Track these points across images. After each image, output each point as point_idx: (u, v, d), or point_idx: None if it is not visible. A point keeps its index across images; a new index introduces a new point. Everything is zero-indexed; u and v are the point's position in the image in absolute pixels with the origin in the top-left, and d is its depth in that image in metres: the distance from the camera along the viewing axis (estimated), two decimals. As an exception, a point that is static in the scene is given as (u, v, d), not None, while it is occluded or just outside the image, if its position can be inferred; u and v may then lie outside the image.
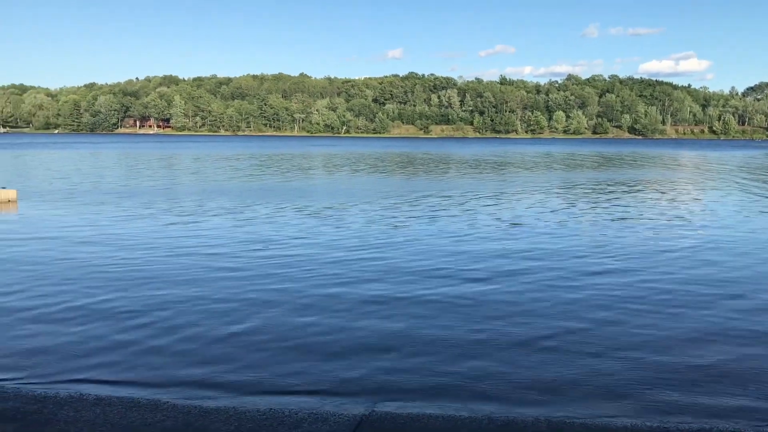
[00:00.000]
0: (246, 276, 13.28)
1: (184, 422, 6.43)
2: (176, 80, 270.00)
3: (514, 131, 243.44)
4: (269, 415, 6.67)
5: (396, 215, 23.21)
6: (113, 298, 11.51)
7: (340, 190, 33.19)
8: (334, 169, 53.10)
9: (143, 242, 17.25)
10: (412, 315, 10.63)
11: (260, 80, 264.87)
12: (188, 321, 10.19)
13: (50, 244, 16.92)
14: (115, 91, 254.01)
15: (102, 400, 6.98)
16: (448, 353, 8.84)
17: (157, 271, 13.74)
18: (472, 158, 74.71)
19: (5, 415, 6.52)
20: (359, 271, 13.80)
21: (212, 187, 34.82)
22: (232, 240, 17.67)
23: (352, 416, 6.69)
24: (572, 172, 50.74)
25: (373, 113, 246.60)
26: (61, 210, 24.07)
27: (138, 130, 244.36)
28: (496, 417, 6.71)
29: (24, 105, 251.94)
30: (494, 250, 16.50)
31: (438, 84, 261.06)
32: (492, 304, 11.31)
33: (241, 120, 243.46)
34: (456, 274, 13.59)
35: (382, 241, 17.69)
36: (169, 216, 22.61)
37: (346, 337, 9.51)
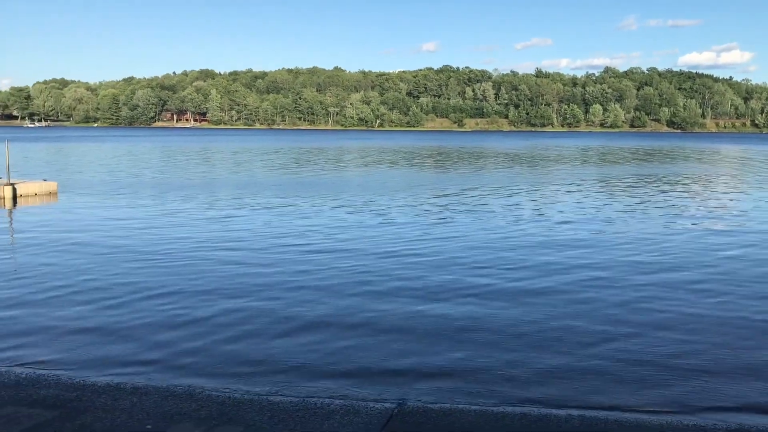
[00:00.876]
0: (285, 271, 13.39)
1: (219, 412, 6.52)
2: (213, 74, 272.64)
3: (550, 124, 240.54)
4: (302, 407, 6.72)
5: (441, 209, 23.14)
6: (149, 287, 11.70)
7: (383, 184, 33.15)
8: (374, 163, 53.12)
9: (181, 234, 17.49)
10: (450, 309, 10.60)
11: (295, 74, 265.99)
12: (223, 314, 10.32)
13: (88, 234, 17.25)
14: (153, 85, 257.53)
15: (138, 389, 7.10)
16: (484, 348, 8.80)
17: (190, 264, 13.92)
18: (510, 152, 74.08)
19: (46, 401, 6.67)
20: (394, 268, 13.81)
21: (262, 180, 35.13)
22: (270, 235, 17.82)
23: (383, 409, 6.70)
24: (611, 167, 50.02)
25: (406, 107, 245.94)
26: (98, 202, 24.54)
27: (175, 124, 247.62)
28: (528, 412, 6.67)
29: (65, 99, 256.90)
30: (538, 243, 16.36)
31: (473, 77, 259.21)
32: (532, 303, 11.22)
33: (276, 114, 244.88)
34: (500, 269, 13.51)
35: (429, 237, 17.66)
36: (210, 209, 22.88)
37: (380, 330, 9.53)
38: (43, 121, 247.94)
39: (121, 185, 31.21)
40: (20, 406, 6.54)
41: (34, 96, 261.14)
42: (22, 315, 10.11)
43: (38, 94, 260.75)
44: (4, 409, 6.44)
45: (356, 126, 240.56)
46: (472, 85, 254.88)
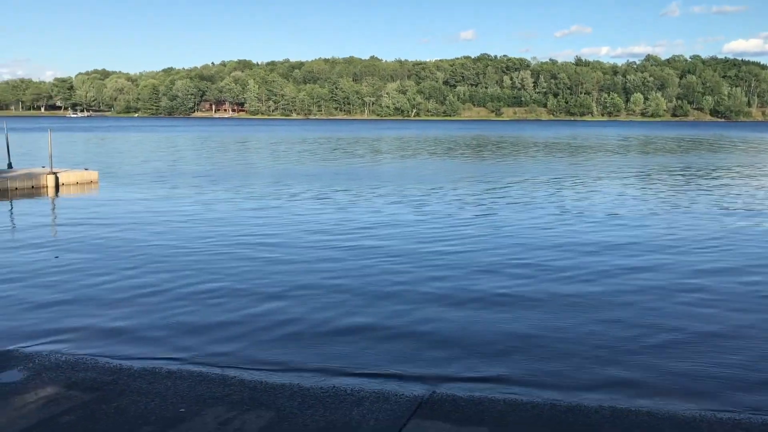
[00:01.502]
0: (325, 261, 13.49)
1: (251, 397, 6.61)
2: (250, 65, 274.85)
3: (590, 113, 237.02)
4: (332, 393, 6.78)
5: (485, 202, 23.03)
6: (187, 277, 11.90)
7: (424, 175, 33.07)
8: (413, 153, 53.05)
9: (221, 225, 17.72)
10: (484, 302, 10.58)
11: (332, 64, 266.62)
12: (255, 298, 10.45)
13: (127, 223, 17.60)
14: (192, 76, 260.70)
15: (173, 374, 7.24)
16: (516, 340, 8.77)
17: (228, 254, 14.11)
18: (552, 141, 73.27)
19: (83, 384, 6.85)
20: (426, 263, 13.81)
21: (307, 170, 35.40)
22: (312, 228, 17.96)
23: (413, 396, 6.73)
24: (657, 157, 49.13)
25: (443, 96, 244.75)
26: (138, 191, 24.99)
27: (214, 114, 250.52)
28: (558, 402, 6.62)
29: (106, 90, 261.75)
30: (579, 242, 16.19)
31: (511, 65, 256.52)
32: (570, 297, 11.13)
33: (312, 104, 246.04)
34: (545, 267, 13.43)
35: (473, 233, 17.61)
36: (248, 199, 23.13)
37: (412, 320, 9.56)
38: (86, 111, 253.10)
39: (160, 175, 31.71)
40: (59, 388, 6.72)
41: (77, 87, 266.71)
42: (62, 301, 10.37)
43: (81, 85, 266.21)
44: (44, 391, 6.64)
45: (392, 116, 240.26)
46: (510, 74, 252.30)
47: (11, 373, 7.18)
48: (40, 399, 6.43)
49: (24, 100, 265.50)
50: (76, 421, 5.95)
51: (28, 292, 10.80)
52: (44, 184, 25.57)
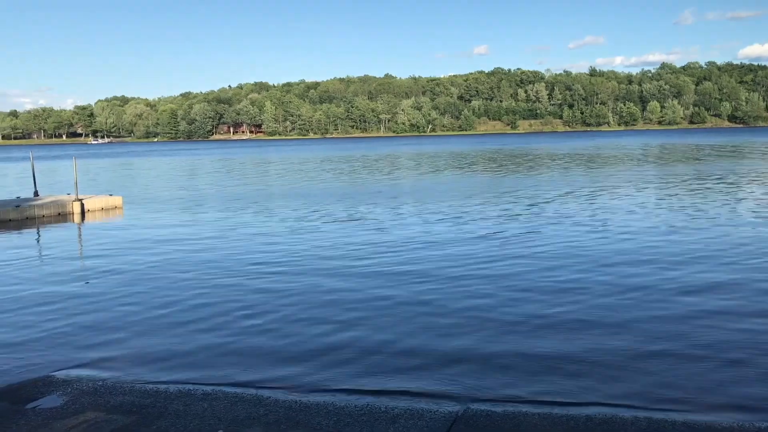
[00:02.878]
0: (356, 276, 13.59)
1: (286, 416, 6.70)
2: (267, 86, 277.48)
3: (606, 123, 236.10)
4: (366, 411, 6.85)
5: (516, 217, 23.04)
6: (214, 298, 12.05)
7: (453, 190, 33.14)
8: (435, 168, 53.15)
9: (246, 246, 17.91)
10: (517, 315, 10.61)
11: (347, 83, 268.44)
12: (287, 319, 10.55)
13: (153, 247, 17.83)
14: (209, 99, 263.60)
15: (208, 395, 7.35)
16: (551, 354, 8.78)
17: (256, 276, 14.25)
18: (576, 152, 73.01)
19: (123, 408, 6.98)
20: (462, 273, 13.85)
21: (329, 189, 35.64)
22: (350, 242, 18.09)
23: (447, 413, 6.77)
24: (682, 166, 48.78)
25: (458, 110, 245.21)
26: (162, 215, 25.30)
27: (232, 136, 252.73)
28: (594, 415, 6.63)
29: (126, 115, 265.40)
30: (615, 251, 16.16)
31: (525, 78, 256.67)
32: (601, 309, 11.12)
33: (329, 123, 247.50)
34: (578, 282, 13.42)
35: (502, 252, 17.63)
36: (277, 222, 23.34)
37: (442, 338, 9.60)
38: (106, 138, 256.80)
39: (183, 198, 32.07)
40: (99, 412, 6.85)
41: (97, 113, 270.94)
42: (95, 327, 10.54)
43: (101, 112, 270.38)
44: (85, 415, 6.77)
45: (408, 132, 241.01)
46: (524, 87, 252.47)
47: (51, 398, 7.33)
48: (82, 423, 6.56)
49: (46, 128, 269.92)
50: (118, 444, 6.07)
51: (61, 319, 10.99)
52: (70, 210, 25.97)
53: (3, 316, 11.24)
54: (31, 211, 24.90)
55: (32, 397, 7.34)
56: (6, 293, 12.91)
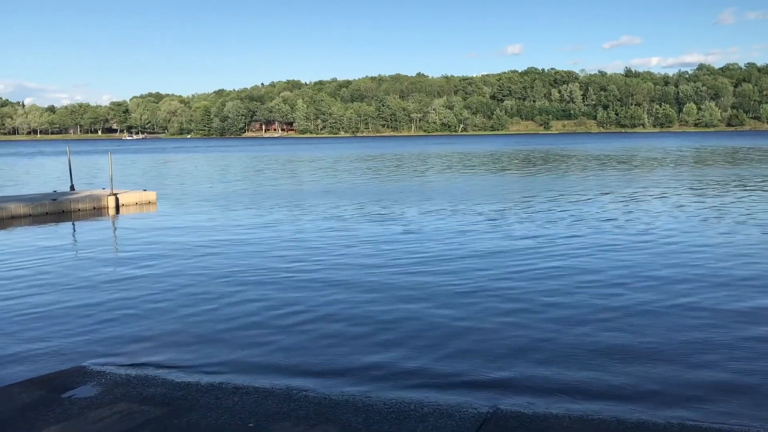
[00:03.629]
0: (394, 272, 13.61)
1: (316, 412, 6.71)
2: (299, 84, 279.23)
3: (641, 125, 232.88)
4: (396, 408, 6.83)
5: (556, 219, 22.89)
6: (246, 293, 12.14)
7: (491, 191, 33.03)
8: (471, 167, 52.99)
9: (275, 243, 18.03)
10: (551, 317, 10.53)
11: (378, 81, 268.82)
12: (318, 317, 10.60)
13: (186, 241, 18.04)
14: (242, 97, 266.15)
15: (239, 389, 7.40)
16: (581, 355, 8.68)
17: (287, 270, 14.34)
18: (615, 154, 72.24)
19: (154, 399, 7.06)
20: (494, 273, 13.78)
21: (366, 188, 35.75)
22: (385, 240, 18.12)
23: (477, 413, 6.73)
24: (723, 169, 47.97)
25: (490, 110, 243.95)
26: (195, 211, 25.59)
27: (263, 134, 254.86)
28: (625, 419, 6.53)
29: (160, 112, 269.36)
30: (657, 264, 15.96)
31: (559, 78, 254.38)
32: (647, 315, 10.99)
33: (359, 121, 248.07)
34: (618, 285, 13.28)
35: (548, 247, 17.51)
36: (305, 217, 23.45)
37: (469, 334, 9.56)
38: (141, 134, 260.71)
39: (216, 195, 32.40)
40: (132, 403, 6.95)
41: (132, 110, 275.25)
42: (128, 318, 10.70)
43: (136, 108, 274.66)
44: (118, 405, 6.87)
45: (439, 131, 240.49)
46: (558, 87, 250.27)
47: (86, 388, 7.45)
48: (115, 413, 6.65)
49: (82, 123, 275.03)
50: (150, 435, 6.15)
51: (95, 310, 11.17)
52: (105, 204, 26.40)
53: (37, 307, 11.46)
54: (68, 204, 25.36)
55: (67, 387, 7.47)
56: (40, 284, 13.16)
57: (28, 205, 24.40)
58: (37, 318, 10.74)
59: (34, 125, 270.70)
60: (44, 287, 12.92)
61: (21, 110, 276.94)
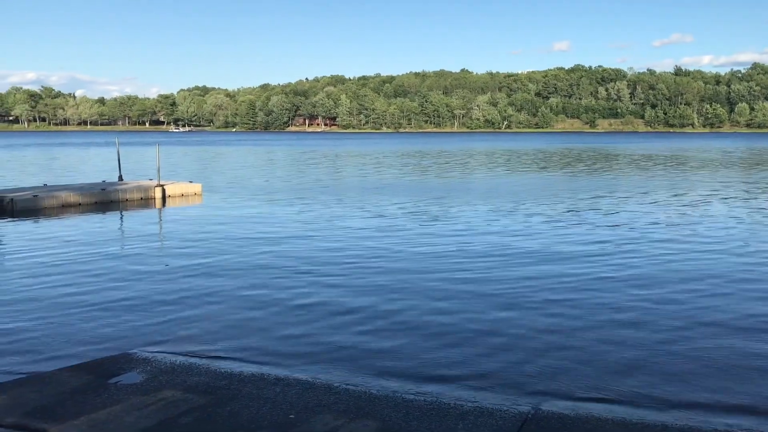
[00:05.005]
0: (434, 277, 13.60)
1: (356, 406, 6.74)
2: (343, 80, 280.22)
3: (690, 125, 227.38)
4: (435, 406, 6.81)
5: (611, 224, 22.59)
6: (292, 285, 12.25)
7: (537, 190, 32.78)
8: (519, 165, 52.59)
9: (319, 236, 18.14)
10: (596, 320, 10.39)
11: (422, 77, 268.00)
12: (365, 312, 10.64)
13: (232, 232, 18.28)
14: (287, 91, 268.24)
15: (281, 380, 7.47)
16: (626, 358, 8.54)
17: (330, 263, 14.41)
18: (672, 154, 70.86)
19: (198, 388, 7.18)
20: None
21: (417, 185, 35.79)
22: (435, 236, 18.12)
23: (517, 413, 6.67)
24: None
25: (535, 107, 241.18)
26: (240, 203, 25.91)
27: (307, 128, 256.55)
28: (671, 424, 6.40)
29: (206, 105, 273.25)
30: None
31: (606, 76, 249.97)
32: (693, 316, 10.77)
33: (402, 117, 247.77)
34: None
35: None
36: (359, 215, 23.55)
37: (519, 334, 9.49)
38: (187, 126, 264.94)
39: (260, 188, 32.75)
40: (176, 391, 7.07)
41: (179, 103, 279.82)
42: (172, 307, 10.90)
43: (182, 101, 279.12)
44: (163, 393, 7.00)
45: (482, 128, 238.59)
46: (605, 85, 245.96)
47: (132, 374, 7.60)
48: (160, 400, 6.78)
49: (130, 115, 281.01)
50: (193, 423, 6.25)
51: (139, 298, 11.40)
52: (152, 195, 26.91)
53: (87, 294, 11.74)
54: (116, 194, 25.93)
55: (114, 373, 7.64)
56: (89, 272, 13.49)
57: (78, 194, 25.02)
58: (85, 305, 11.01)
59: (84, 116, 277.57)
60: (93, 275, 13.23)
61: (72, 102, 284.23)
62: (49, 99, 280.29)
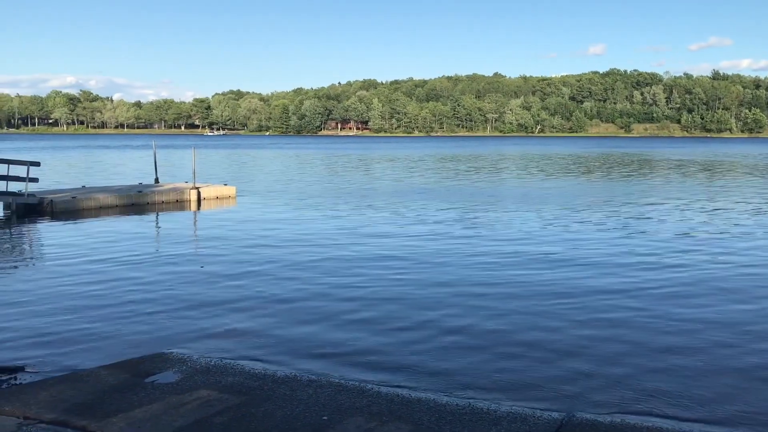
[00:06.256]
0: (468, 282, 13.58)
1: (388, 409, 6.74)
2: (375, 84, 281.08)
3: (728, 130, 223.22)
4: (468, 410, 6.79)
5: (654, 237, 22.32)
6: (325, 287, 12.33)
7: (602, 195, 32.53)
8: (566, 170, 52.23)
9: (354, 240, 18.21)
10: (634, 327, 10.27)
11: (454, 81, 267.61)
12: (398, 317, 10.66)
13: (266, 235, 18.43)
14: (320, 95, 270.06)
15: (314, 382, 7.51)
16: (662, 366, 8.43)
17: (362, 267, 14.45)
18: (722, 160, 69.75)
19: (233, 388, 7.25)
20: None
21: (451, 188, 35.80)
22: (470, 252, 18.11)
23: (551, 419, 6.61)
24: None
25: (569, 112, 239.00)
26: (274, 206, 26.12)
27: (339, 132, 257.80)
28: (709, 434, 6.30)
29: (240, 109, 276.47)
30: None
31: (641, 80, 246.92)
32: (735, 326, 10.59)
33: (434, 121, 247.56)
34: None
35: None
36: (389, 217, 23.60)
37: (548, 340, 9.42)
38: (221, 130, 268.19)
39: (294, 191, 32.98)
40: (211, 390, 7.15)
41: (214, 106, 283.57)
42: (207, 308, 11.03)
43: (217, 105, 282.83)
44: (198, 392, 7.09)
45: (515, 132, 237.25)
46: (640, 89, 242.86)
47: (167, 374, 7.71)
48: (195, 400, 6.87)
49: (166, 119, 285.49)
50: (228, 423, 6.31)
51: (175, 299, 11.56)
52: (188, 198, 27.26)
53: (124, 294, 11.95)
54: (152, 197, 26.34)
55: (150, 372, 7.75)
56: (123, 272, 13.71)
57: (115, 196, 25.48)
58: (120, 305, 11.19)
59: (121, 119, 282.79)
60: (128, 276, 13.44)
61: (110, 105, 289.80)
62: (88, 102, 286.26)
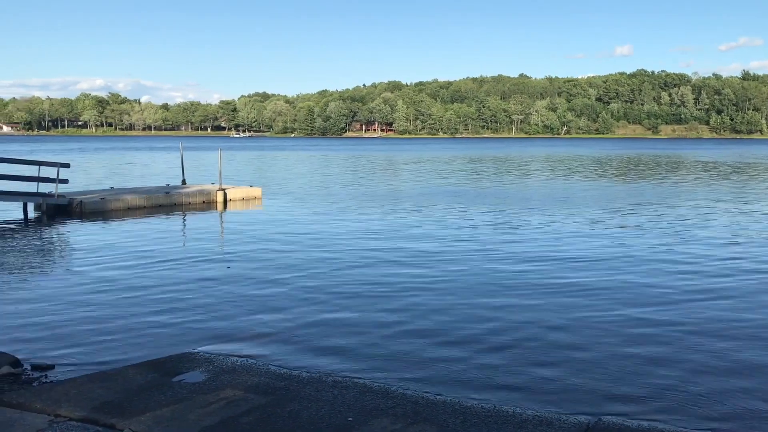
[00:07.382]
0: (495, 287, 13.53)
1: (413, 411, 6.74)
2: (400, 85, 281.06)
3: (758, 131, 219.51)
4: (494, 413, 6.76)
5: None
6: (342, 287, 12.35)
7: (639, 198, 32.30)
8: (598, 172, 51.86)
9: (380, 243, 18.23)
10: (662, 333, 10.16)
11: (479, 83, 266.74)
12: (426, 320, 10.65)
13: (292, 236, 18.53)
14: (344, 97, 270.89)
15: (339, 383, 7.53)
16: (689, 371, 8.32)
17: (389, 269, 14.47)
18: (752, 161, 68.77)
19: (258, 388, 7.30)
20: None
21: (486, 190, 35.72)
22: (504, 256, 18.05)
23: (578, 423, 6.55)
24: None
25: (596, 113, 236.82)
26: (299, 208, 26.24)
27: (364, 134, 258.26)
28: (739, 440, 6.20)
29: (266, 111, 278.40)
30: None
31: (669, 81, 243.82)
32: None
33: (459, 123, 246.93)
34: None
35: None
36: (413, 220, 23.60)
37: (577, 348, 9.35)
38: (247, 132, 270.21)
39: (319, 193, 33.11)
40: (237, 390, 7.21)
41: (240, 109, 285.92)
42: (233, 308, 11.12)
43: (243, 107, 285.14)
44: (224, 392, 7.14)
45: (541, 133, 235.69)
46: (668, 90, 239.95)
47: (194, 373, 7.78)
48: (222, 399, 6.93)
49: (193, 121, 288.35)
50: (255, 422, 6.36)
51: (202, 299, 11.67)
52: (214, 199, 27.50)
53: (150, 293, 12.09)
54: (179, 198, 26.61)
55: (177, 371, 7.83)
56: (151, 272, 13.87)
57: (143, 197, 25.78)
58: (148, 304, 11.33)
59: (149, 122, 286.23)
60: (155, 276, 13.59)
61: (138, 107, 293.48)
62: (116, 105, 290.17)
